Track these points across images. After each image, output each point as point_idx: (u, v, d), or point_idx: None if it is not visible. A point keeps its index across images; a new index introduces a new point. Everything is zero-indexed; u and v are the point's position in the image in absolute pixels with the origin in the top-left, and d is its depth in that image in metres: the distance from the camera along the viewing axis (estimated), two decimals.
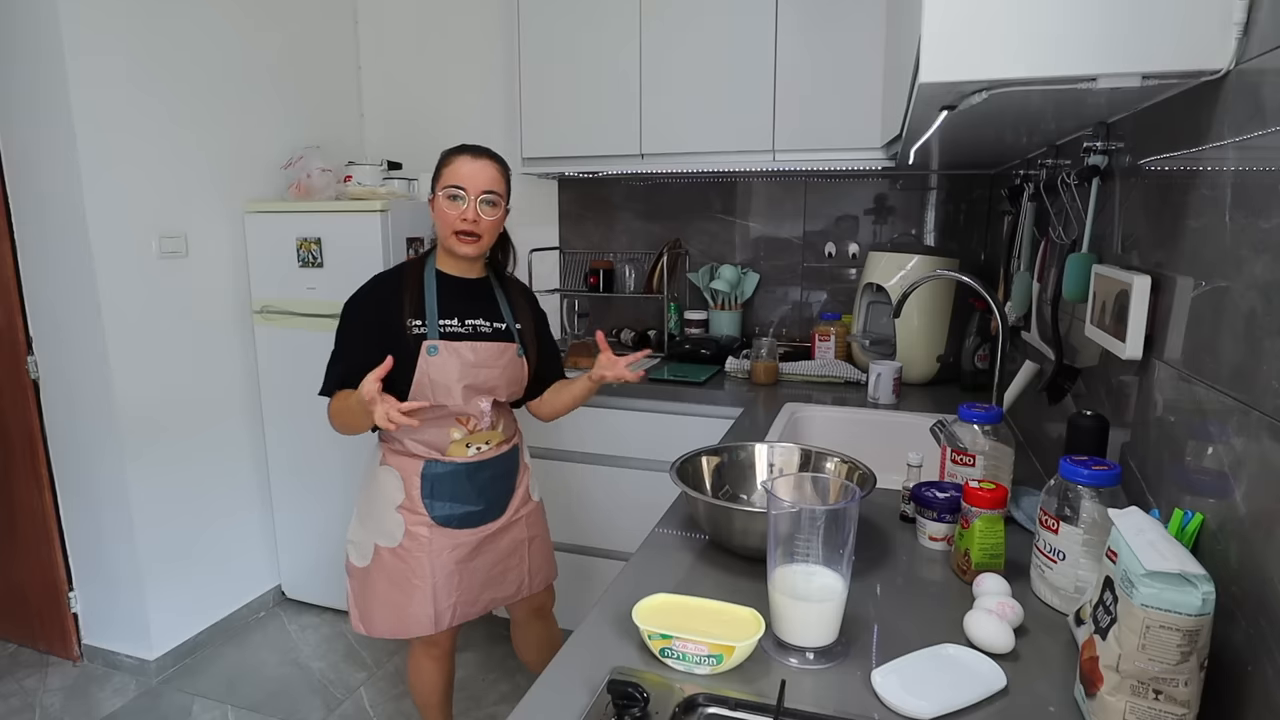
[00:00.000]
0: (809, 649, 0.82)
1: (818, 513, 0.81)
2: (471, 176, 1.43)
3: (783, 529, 0.82)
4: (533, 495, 1.69)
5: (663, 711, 0.71)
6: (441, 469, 1.51)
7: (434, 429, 1.50)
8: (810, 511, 0.81)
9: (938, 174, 2.44)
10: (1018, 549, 1.02)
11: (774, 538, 0.83)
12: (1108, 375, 1.12)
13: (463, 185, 1.42)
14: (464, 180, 1.42)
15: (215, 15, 2.39)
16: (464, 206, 1.42)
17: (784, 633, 0.83)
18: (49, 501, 2.30)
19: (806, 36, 2.12)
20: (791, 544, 0.82)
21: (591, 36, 2.32)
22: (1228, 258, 0.74)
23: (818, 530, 0.80)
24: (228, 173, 2.47)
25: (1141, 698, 0.64)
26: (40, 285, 2.18)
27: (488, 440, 1.55)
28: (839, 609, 0.82)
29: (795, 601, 0.81)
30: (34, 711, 2.16)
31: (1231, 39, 0.75)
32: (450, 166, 1.44)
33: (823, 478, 0.86)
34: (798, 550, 0.82)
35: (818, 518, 0.80)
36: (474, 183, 1.42)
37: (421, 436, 1.50)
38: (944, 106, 0.99)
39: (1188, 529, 0.75)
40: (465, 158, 1.44)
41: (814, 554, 0.81)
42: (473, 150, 1.46)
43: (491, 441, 1.56)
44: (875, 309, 2.30)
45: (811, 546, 0.81)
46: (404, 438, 1.51)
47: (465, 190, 1.42)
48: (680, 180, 2.67)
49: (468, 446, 1.52)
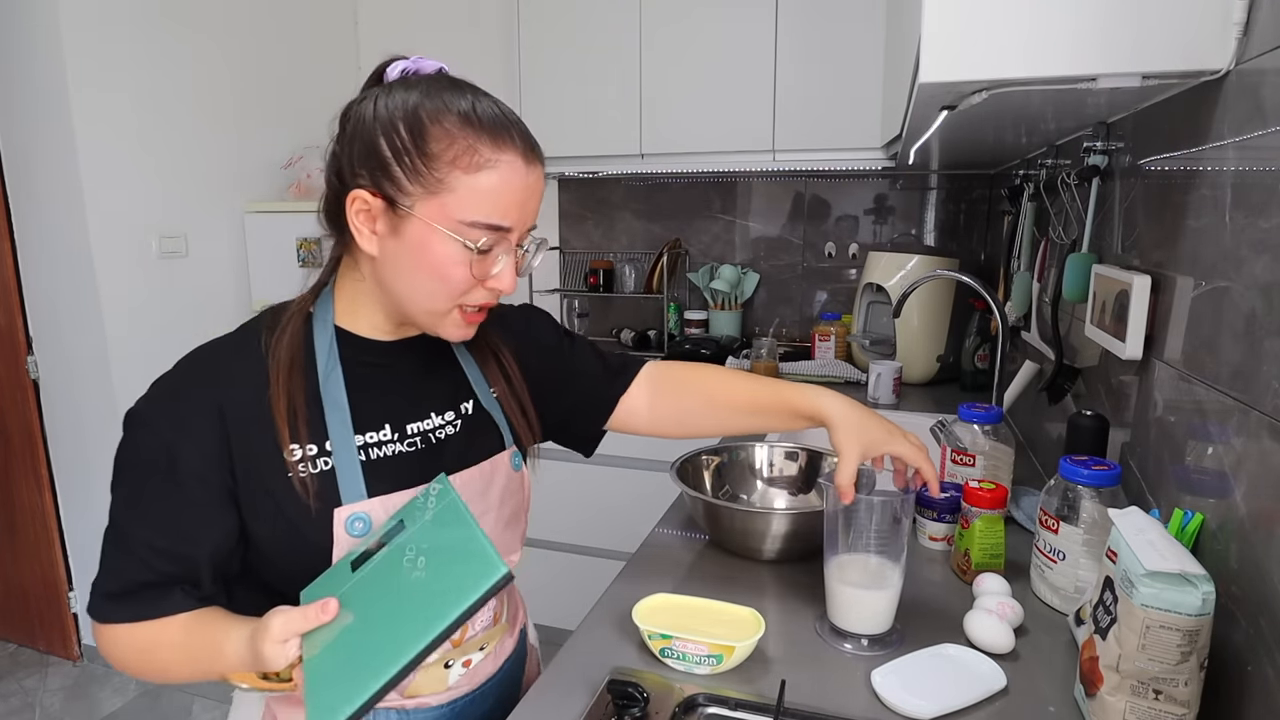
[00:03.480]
0: (864, 636, 0.84)
1: (876, 503, 0.83)
2: (527, 200, 0.69)
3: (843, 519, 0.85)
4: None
5: (663, 711, 0.71)
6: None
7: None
8: (869, 501, 0.83)
9: (938, 174, 2.44)
10: (1018, 549, 1.02)
11: (835, 527, 0.85)
12: (1108, 375, 1.12)
13: (507, 223, 0.68)
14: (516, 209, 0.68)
15: (216, 15, 2.39)
16: (501, 263, 0.70)
17: (840, 620, 0.85)
18: (49, 501, 2.30)
19: (806, 36, 2.12)
20: (850, 533, 0.85)
21: (591, 36, 2.32)
22: (1228, 258, 0.74)
23: (872, 519, 0.83)
24: (228, 173, 2.47)
25: (1141, 698, 0.64)
26: (40, 285, 2.18)
27: (483, 645, 0.82)
28: (895, 597, 0.84)
29: (853, 589, 0.83)
30: (34, 711, 2.16)
31: (1231, 39, 0.75)
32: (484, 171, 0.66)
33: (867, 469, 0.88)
34: (857, 539, 0.85)
35: (876, 508, 0.83)
36: (527, 212, 0.70)
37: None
38: (944, 106, 0.99)
39: (1188, 529, 0.75)
40: (517, 159, 0.68)
41: (873, 543, 0.84)
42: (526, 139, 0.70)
43: (490, 644, 0.83)
44: (875, 309, 2.29)
45: (870, 536, 0.84)
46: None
47: (511, 231, 0.69)
48: (680, 180, 2.67)
49: (447, 666, 0.78)
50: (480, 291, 0.71)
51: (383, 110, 0.67)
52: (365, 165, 0.67)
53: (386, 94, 0.68)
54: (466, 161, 0.65)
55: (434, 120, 0.65)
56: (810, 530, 1.03)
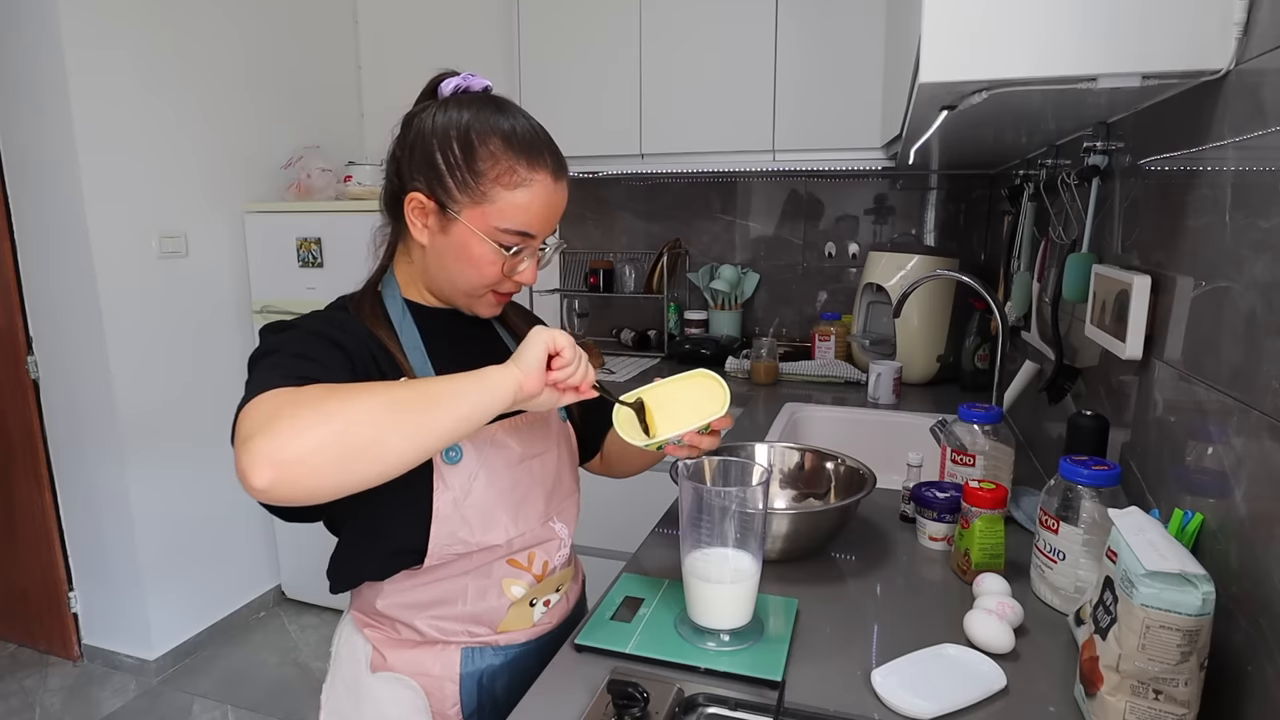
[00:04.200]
0: (723, 631, 0.83)
1: (727, 494, 0.81)
2: (552, 214, 0.83)
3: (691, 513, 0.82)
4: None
5: (662, 711, 0.71)
6: (496, 658, 0.89)
7: (476, 590, 0.86)
8: (719, 492, 0.82)
9: (938, 174, 2.44)
10: (1018, 549, 1.02)
11: (685, 522, 0.83)
12: (1108, 375, 1.12)
13: (534, 231, 0.81)
14: (543, 222, 0.82)
15: (216, 15, 2.39)
16: (526, 263, 0.84)
17: (698, 616, 0.84)
18: (49, 501, 2.30)
19: (806, 36, 2.12)
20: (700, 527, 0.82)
21: (591, 36, 2.32)
22: (1228, 258, 0.74)
23: (729, 513, 0.81)
24: (228, 172, 2.48)
25: (1141, 698, 0.64)
26: (40, 285, 2.18)
27: (559, 587, 0.95)
28: (752, 591, 0.83)
29: (708, 585, 0.82)
30: (34, 711, 2.16)
31: (1231, 39, 0.75)
32: (520, 189, 0.79)
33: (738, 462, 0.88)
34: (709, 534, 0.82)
35: (727, 499, 0.81)
36: (552, 223, 0.84)
37: (452, 609, 0.86)
38: (944, 106, 0.99)
39: (1188, 529, 0.75)
40: (548, 179, 0.80)
41: (725, 537, 0.82)
42: (557, 161, 0.82)
43: (563, 586, 0.96)
44: (875, 309, 2.30)
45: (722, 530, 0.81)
46: (415, 617, 0.86)
47: (536, 237, 0.83)
48: (680, 180, 2.67)
49: (531, 605, 0.90)
50: (508, 283, 0.85)
51: (440, 125, 0.79)
52: (422, 172, 0.80)
53: (443, 110, 0.80)
54: (507, 180, 0.78)
55: (482, 141, 0.78)
56: (810, 530, 1.03)
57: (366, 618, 0.90)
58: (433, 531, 0.81)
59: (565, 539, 0.93)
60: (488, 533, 0.84)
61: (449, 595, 0.86)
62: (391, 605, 0.86)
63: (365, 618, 0.90)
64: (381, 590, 0.86)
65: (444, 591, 0.86)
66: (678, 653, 0.80)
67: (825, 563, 1.05)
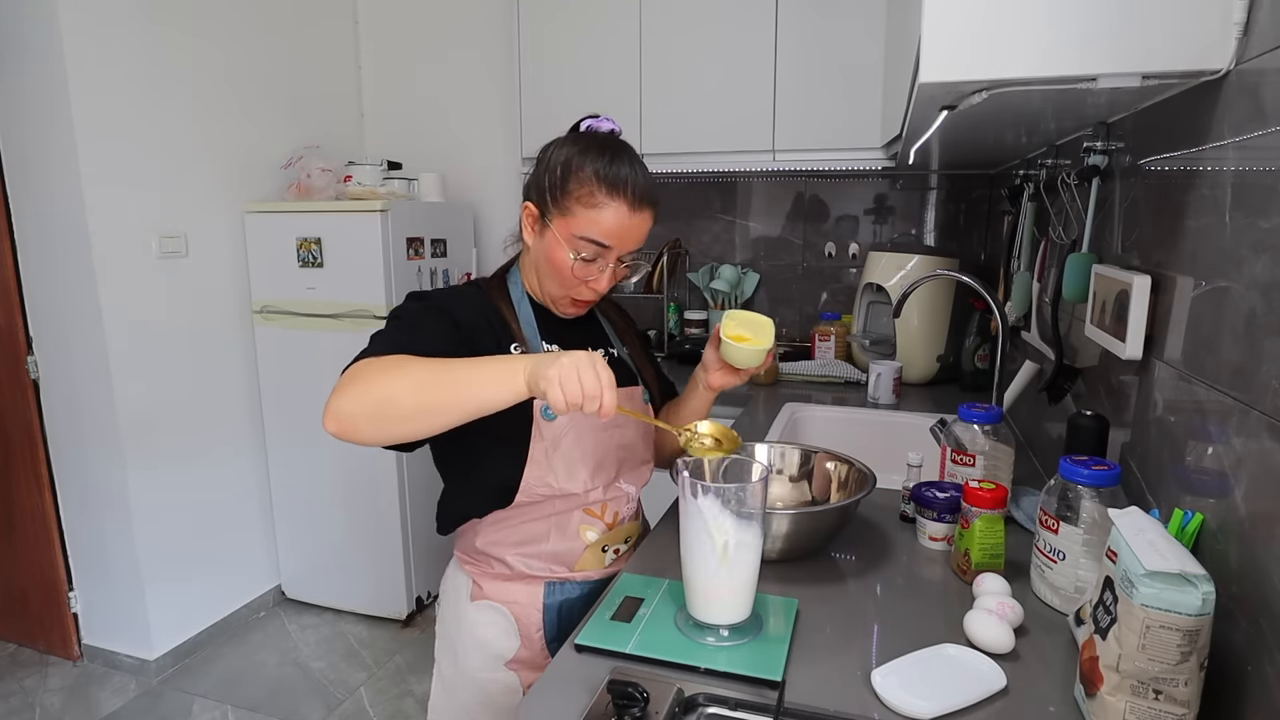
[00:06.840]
0: (722, 626, 0.83)
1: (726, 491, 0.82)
2: (624, 235, 0.98)
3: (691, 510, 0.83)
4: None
5: (662, 711, 0.71)
6: (573, 591, 1.07)
7: (557, 532, 1.05)
8: (719, 489, 0.82)
9: (938, 174, 2.44)
10: (1018, 549, 1.02)
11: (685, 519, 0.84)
12: (1108, 375, 1.12)
13: (609, 243, 0.97)
14: (613, 237, 0.97)
15: (215, 16, 2.39)
16: (599, 272, 1.00)
17: (697, 610, 0.84)
18: (49, 501, 2.30)
19: (806, 36, 2.12)
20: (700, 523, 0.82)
21: (591, 36, 2.32)
22: (1228, 258, 0.74)
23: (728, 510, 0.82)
24: (228, 173, 2.47)
25: (1141, 698, 0.64)
26: (40, 285, 2.18)
27: (627, 538, 1.13)
28: (751, 584, 0.83)
29: (707, 577, 0.82)
30: (34, 711, 2.16)
31: (1231, 39, 0.75)
32: (597, 209, 0.96)
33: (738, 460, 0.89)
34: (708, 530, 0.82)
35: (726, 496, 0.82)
36: (625, 242, 0.99)
37: (537, 547, 1.05)
38: (944, 106, 0.99)
39: (1188, 529, 0.75)
40: (624, 206, 0.96)
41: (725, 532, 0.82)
42: (637, 195, 0.97)
43: (630, 539, 1.14)
44: (875, 309, 2.30)
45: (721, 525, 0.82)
46: (507, 553, 1.05)
47: (610, 250, 0.98)
48: (680, 180, 2.67)
49: (604, 550, 1.09)
50: (584, 289, 1.02)
51: (555, 155, 0.99)
52: (534, 188, 1.01)
53: (563, 144, 1.00)
54: (588, 200, 0.96)
55: (577, 170, 0.97)
56: (810, 530, 1.03)
57: (467, 556, 1.10)
58: (525, 473, 1.00)
59: (633, 496, 1.12)
60: (569, 481, 1.02)
61: (535, 535, 1.05)
62: (488, 543, 1.06)
63: (466, 556, 1.10)
64: (479, 531, 1.06)
65: (531, 532, 1.04)
66: (678, 652, 0.80)
67: (825, 563, 1.05)
